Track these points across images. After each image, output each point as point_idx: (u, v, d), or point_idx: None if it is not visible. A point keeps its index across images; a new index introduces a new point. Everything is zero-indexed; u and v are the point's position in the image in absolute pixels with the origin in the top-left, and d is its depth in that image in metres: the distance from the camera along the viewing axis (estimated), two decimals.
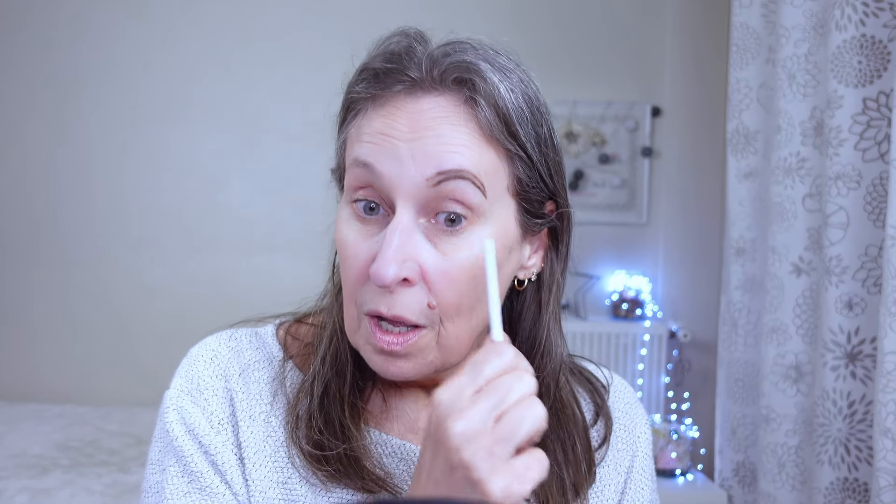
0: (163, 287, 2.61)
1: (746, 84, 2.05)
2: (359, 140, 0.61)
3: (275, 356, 0.70)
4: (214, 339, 0.70)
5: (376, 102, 0.61)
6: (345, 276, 0.62)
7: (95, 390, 2.57)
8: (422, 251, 0.59)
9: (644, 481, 0.75)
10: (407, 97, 0.60)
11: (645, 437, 0.77)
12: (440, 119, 0.59)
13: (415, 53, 0.61)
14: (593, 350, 2.50)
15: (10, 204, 2.61)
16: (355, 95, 0.63)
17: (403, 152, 0.58)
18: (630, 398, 0.79)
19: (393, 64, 0.61)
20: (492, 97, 0.59)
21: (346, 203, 0.63)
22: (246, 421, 0.66)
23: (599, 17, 2.66)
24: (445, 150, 0.58)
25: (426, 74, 0.60)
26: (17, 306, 2.62)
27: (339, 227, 0.63)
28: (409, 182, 0.58)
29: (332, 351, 0.67)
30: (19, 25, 2.59)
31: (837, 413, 1.65)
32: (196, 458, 0.64)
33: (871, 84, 1.60)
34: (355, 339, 0.63)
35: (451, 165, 0.58)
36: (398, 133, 0.59)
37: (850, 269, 1.63)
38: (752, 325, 2.04)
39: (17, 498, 1.75)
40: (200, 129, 2.63)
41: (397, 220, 0.58)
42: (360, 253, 0.60)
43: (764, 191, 2.00)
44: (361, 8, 2.60)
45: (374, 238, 0.60)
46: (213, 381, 0.66)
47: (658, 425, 2.31)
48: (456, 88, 0.60)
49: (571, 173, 2.61)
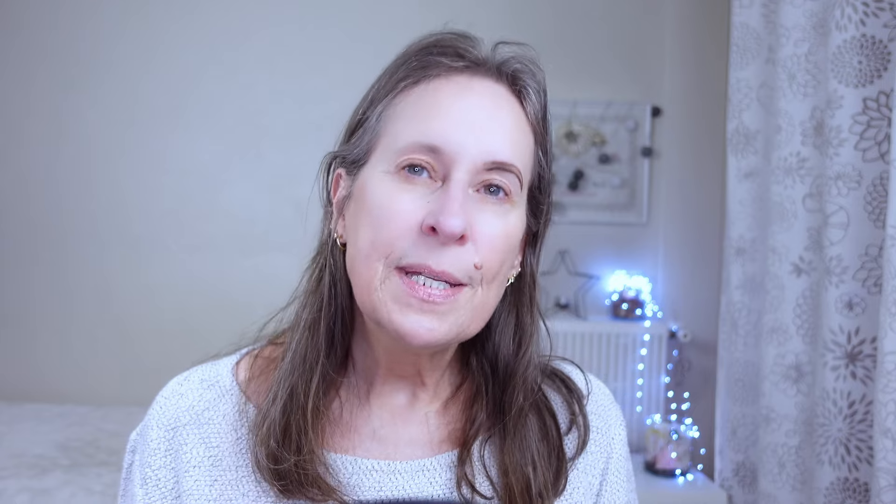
0: (163, 287, 2.61)
1: (746, 84, 2.05)
2: (417, 113, 0.63)
3: (226, 392, 0.71)
4: (172, 383, 0.73)
5: (440, 76, 0.64)
6: (380, 232, 0.61)
7: (95, 390, 2.57)
8: (475, 213, 0.62)
9: (619, 482, 0.76)
10: (471, 77, 0.64)
11: (619, 438, 0.78)
12: (501, 107, 0.64)
13: (474, 41, 0.67)
14: (593, 350, 2.50)
15: (10, 204, 2.61)
16: (416, 64, 0.65)
17: (469, 138, 0.61)
18: (605, 401, 0.79)
19: (463, 45, 0.65)
20: (536, 93, 0.66)
21: (385, 167, 0.63)
22: (190, 471, 0.68)
23: (599, 16, 2.66)
24: (503, 140, 0.62)
25: (488, 59, 0.65)
26: (17, 306, 2.62)
27: (372, 185, 0.63)
28: (468, 162, 0.62)
29: (300, 351, 0.67)
30: (19, 25, 2.59)
31: (838, 413, 1.65)
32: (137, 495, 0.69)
33: (871, 84, 1.60)
34: (378, 297, 0.62)
35: (505, 158, 0.62)
36: (462, 114, 0.62)
37: (851, 269, 1.63)
38: (752, 325, 2.04)
39: (17, 498, 1.75)
40: (200, 128, 2.63)
41: (457, 181, 0.61)
42: (406, 208, 0.61)
43: (764, 191, 1.99)
44: (362, 8, 2.60)
45: (423, 197, 0.61)
46: (158, 432, 0.69)
47: (658, 425, 2.31)
48: (512, 79, 0.65)
49: (571, 173, 2.61)
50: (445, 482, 0.68)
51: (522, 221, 0.66)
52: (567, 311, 2.58)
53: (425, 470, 0.69)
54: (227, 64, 2.62)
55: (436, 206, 0.60)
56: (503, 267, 0.64)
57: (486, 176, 0.62)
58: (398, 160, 0.62)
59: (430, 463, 0.69)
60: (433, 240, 0.60)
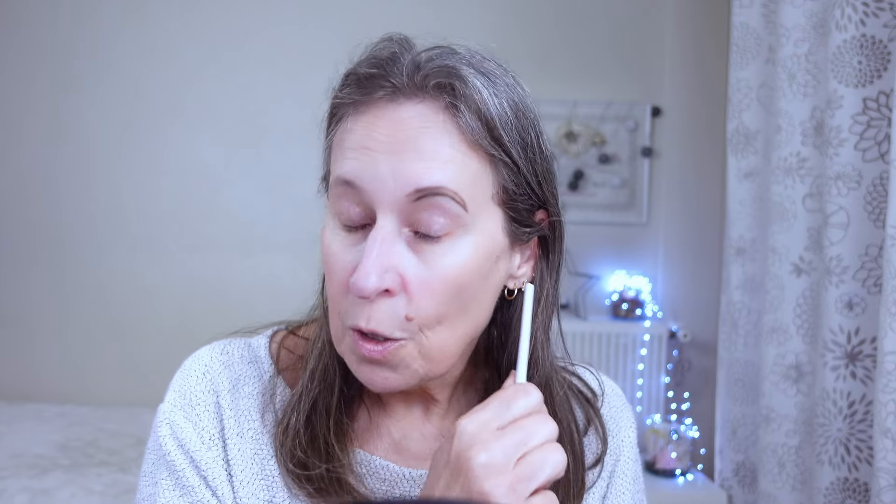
0: (162, 287, 2.61)
1: (746, 84, 2.05)
2: (341, 153, 0.60)
3: (265, 371, 0.70)
4: (207, 351, 0.70)
5: (358, 109, 0.60)
6: (329, 287, 0.62)
7: (95, 390, 2.57)
8: (403, 260, 0.58)
9: (626, 484, 0.76)
10: (388, 104, 0.59)
11: (629, 440, 0.77)
12: (421, 129, 0.57)
13: (398, 59, 0.60)
14: (593, 350, 2.50)
15: (10, 204, 2.61)
16: (338, 101, 0.62)
17: (383, 168, 0.57)
18: (618, 402, 0.79)
19: (376, 69, 0.59)
20: (473, 102, 0.58)
21: (331, 214, 0.63)
22: (234, 438, 0.66)
23: (599, 17, 2.65)
24: (425, 166, 0.57)
25: (408, 80, 0.58)
26: (17, 306, 2.62)
27: (324, 237, 0.62)
28: (389, 196, 0.57)
29: (320, 366, 0.66)
30: (18, 24, 2.59)
31: (837, 413, 1.65)
32: (188, 472, 0.65)
33: (871, 84, 1.60)
34: (341, 350, 0.62)
35: (430, 183, 0.57)
36: (378, 146, 0.58)
37: (851, 269, 1.63)
38: (752, 325, 2.04)
39: (17, 498, 1.75)
40: (200, 129, 2.63)
41: (377, 230, 0.57)
42: (343, 263, 0.59)
43: (764, 191, 1.99)
44: (362, 8, 2.60)
45: (357, 248, 0.59)
46: (205, 396, 0.67)
47: (658, 425, 2.31)
48: (436, 94, 0.58)
49: (571, 173, 2.61)
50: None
51: (486, 241, 0.60)
52: (567, 311, 2.58)
53: None
54: (227, 63, 2.62)
55: (359, 260, 0.58)
56: (449, 308, 0.59)
57: (416, 209, 0.57)
58: (331, 202, 0.62)
59: None
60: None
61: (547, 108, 2.59)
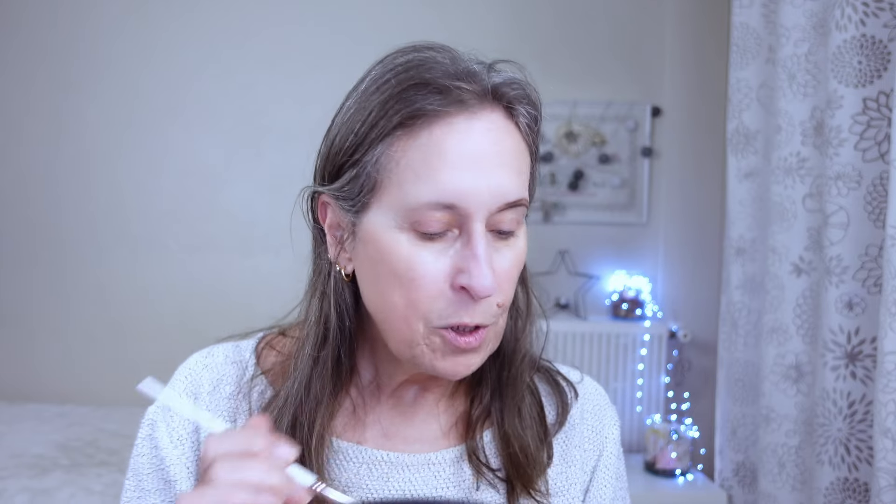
0: (162, 287, 2.61)
1: (746, 84, 2.05)
2: (431, 166, 0.60)
3: (247, 371, 0.73)
4: (196, 355, 0.75)
5: (441, 119, 0.60)
6: (412, 294, 0.62)
7: (95, 390, 2.57)
8: (496, 259, 0.63)
9: (607, 479, 0.78)
10: (470, 114, 0.61)
11: (612, 438, 0.80)
12: (503, 140, 0.62)
13: (463, 64, 0.63)
14: (593, 350, 2.50)
15: (10, 204, 2.61)
16: (418, 109, 0.60)
17: (479, 184, 0.60)
18: (600, 400, 0.81)
19: (453, 81, 0.61)
20: (533, 112, 0.66)
21: (396, 222, 0.62)
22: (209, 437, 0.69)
23: (599, 17, 2.65)
24: (510, 178, 0.62)
25: (485, 90, 0.62)
26: (17, 306, 2.62)
27: (387, 242, 0.62)
28: (484, 210, 0.61)
29: (307, 370, 0.68)
30: (18, 25, 2.59)
31: (837, 413, 1.65)
32: (147, 478, 0.70)
33: (871, 84, 1.60)
34: (416, 353, 0.64)
35: (514, 197, 0.63)
36: (472, 162, 0.61)
37: (851, 269, 1.63)
38: (752, 325, 2.04)
39: (17, 498, 1.75)
40: (200, 129, 2.63)
41: (478, 235, 0.61)
42: (433, 269, 0.62)
43: (764, 191, 1.99)
44: (362, 8, 2.60)
45: (444, 252, 0.62)
46: (183, 397, 0.71)
47: (658, 425, 2.31)
48: (506, 106, 0.64)
49: (571, 173, 2.61)
50: (450, 476, 0.72)
51: (525, 233, 0.68)
52: (567, 311, 2.58)
53: (431, 464, 0.72)
54: (227, 63, 2.62)
55: (462, 263, 0.61)
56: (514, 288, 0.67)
57: (499, 217, 0.63)
58: (412, 219, 0.61)
59: (437, 457, 0.72)
60: (466, 296, 0.62)
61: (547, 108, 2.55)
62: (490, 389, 0.74)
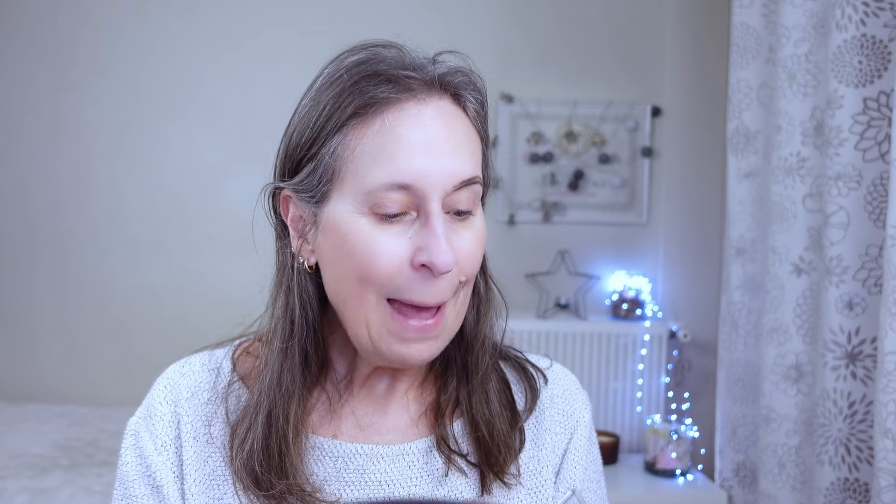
0: (163, 287, 2.61)
1: (747, 84, 2.05)
2: (384, 152, 0.63)
3: (224, 377, 0.75)
4: (174, 365, 0.77)
5: (393, 106, 0.64)
6: (368, 271, 0.64)
7: (96, 390, 2.57)
8: (454, 237, 0.66)
9: (577, 461, 0.79)
10: (419, 101, 0.64)
11: (584, 421, 0.81)
12: (453, 125, 0.65)
13: (409, 55, 0.67)
14: (593, 350, 2.50)
15: (10, 204, 2.61)
16: (367, 99, 0.64)
17: (434, 167, 0.63)
18: (569, 385, 0.83)
19: (402, 71, 0.64)
20: (478, 98, 0.69)
21: (355, 207, 0.64)
22: (190, 443, 0.72)
23: (599, 17, 2.65)
24: (462, 158, 0.65)
25: (432, 78, 0.65)
26: (17, 306, 2.62)
27: (348, 227, 0.65)
28: (439, 189, 0.64)
29: (277, 365, 0.69)
30: (19, 25, 2.59)
31: (838, 413, 1.65)
32: (134, 485, 0.72)
33: (871, 84, 1.60)
34: (373, 336, 0.66)
35: (468, 175, 0.65)
36: (426, 145, 0.63)
37: (851, 269, 1.63)
38: (753, 325, 2.04)
39: (17, 498, 1.75)
40: (200, 129, 2.63)
41: (435, 215, 0.64)
42: (391, 248, 0.64)
43: (764, 191, 1.99)
44: (362, 8, 2.60)
45: (403, 233, 0.64)
46: (163, 406, 0.73)
47: (658, 425, 2.31)
48: (452, 93, 0.67)
49: (571, 173, 2.61)
50: (423, 466, 0.73)
51: (483, 215, 0.70)
52: (567, 311, 2.58)
53: (405, 454, 0.73)
54: (227, 63, 2.62)
55: (421, 241, 0.64)
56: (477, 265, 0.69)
57: (455, 197, 0.65)
58: (371, 202, 0.64)
59: (409, 447, 0.74)
60: (426, 274, 0.64)
61: (547, 108, 2.59)
62: (456, 376, 0.76)
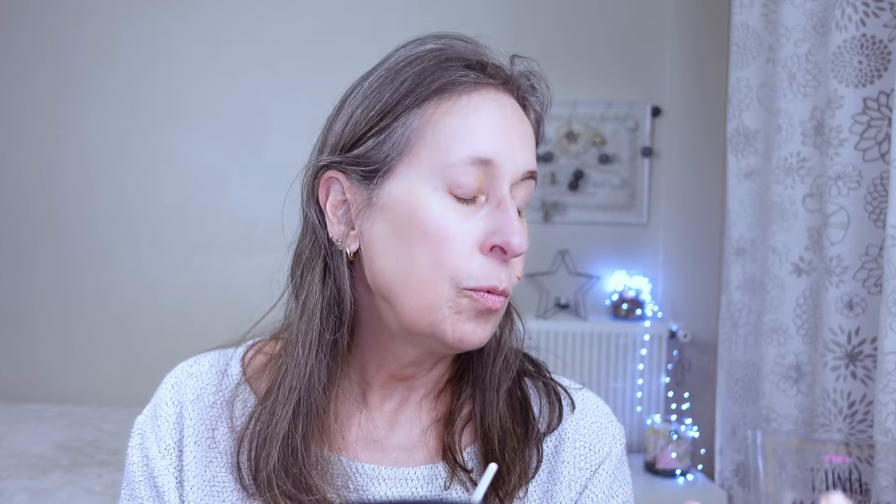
0: (163, 287, 2.61)
1: (747, 84, 2.05)
2: (464, 130, 0.63)
3: (232, 380, 0.72)
4: (184, 363, 0.75)
5: (480, 92, 0.64)
6: (442, 254, 0.62)
7: (95, 390, 2.57)
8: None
9: (595, 498, 0.73)
10: (498, 91, 0.66)
11: (612, 456, 0.75)
12: (523, 120, 0.67)
13: (496, 57, 0.68)
14: (593, 350, 2.50)
15: (10, 204, 2.61)
16: (453, 79, 0.64)
17: (516, 149, 0.64)
18: (599, 417, 0.76)
19: (486, 59, 0.66)
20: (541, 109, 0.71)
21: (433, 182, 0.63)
22: (191, 447, 0.70)
23: (599, 17, 2.66)
24: (530, 153, 0.66)
25: (509, 77, 0.67)
26: (17, 306, 2.62)
27: (421, 202, 0.62)
28: (512, 174, 0.64)
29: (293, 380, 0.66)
30: (19, 25, 2.59)
31: (838, 413, 1.65)
32: (140, 486, 0.71)
33: (871, 84, 1.60)
34: (436, 317, 0.63)
35: (534, 167, 0.67)
36: (511, 127, 0.65)
37: (851, 269, 1.63)
38: (753, 325, 2.04)
39: (17, 498, 1.75)
40: (200, 129, 2.63)
41: (509, 200, 0.64)
42: (466, 229, 0.63)
43: (764, 191, 1.99)
44: (362, 8, 2.60)
45: (474, 214, 0.63)
46: (169, 407, 0.72)
47: (658, 425, 2.31)
48: (520, 96, 0.68)
49: (571, 173, 2.61)
50: (426, 491, 0.70)
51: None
52: (567, 311, 2.58)
53: (408, 479, 0.70)
54: (227, 64, 2.62)
55: (494, 224, 0.63)
56: None
57: (518, 188, 0.65)
58: (448, 178, 0.62)
59: (414, 473, 0.70)
60: (496, 258, 0.63)
61: None
62: (471, 385, 0.72)
